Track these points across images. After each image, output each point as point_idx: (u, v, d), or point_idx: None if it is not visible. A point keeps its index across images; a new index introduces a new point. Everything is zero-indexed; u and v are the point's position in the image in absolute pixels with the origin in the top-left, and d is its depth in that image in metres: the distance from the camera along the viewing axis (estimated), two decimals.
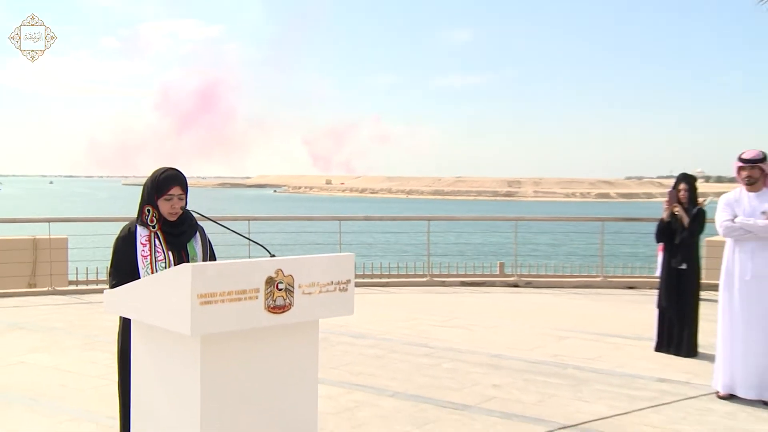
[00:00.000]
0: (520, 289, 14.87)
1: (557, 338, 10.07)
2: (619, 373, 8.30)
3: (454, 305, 12.89)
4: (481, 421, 6.56)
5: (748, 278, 7.42)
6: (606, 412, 6.90)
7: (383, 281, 15.42)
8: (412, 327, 10.76)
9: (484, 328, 10.75)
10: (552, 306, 12.92)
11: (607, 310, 12.40)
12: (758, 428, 6.64)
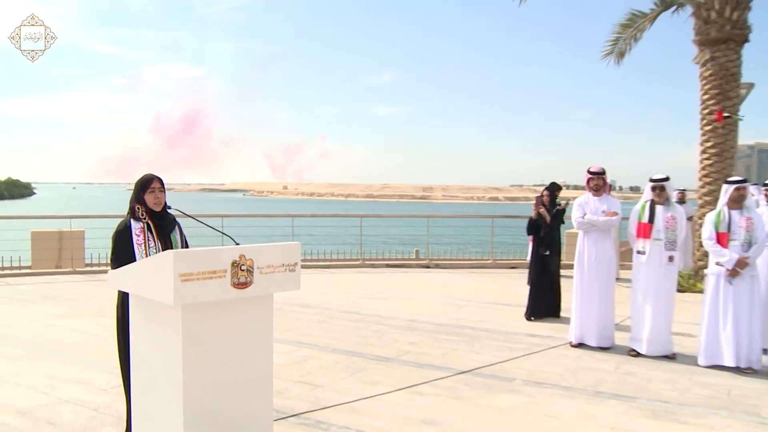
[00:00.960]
0: (430, 270, 14.99)
1: (457, 306, 10.18)
2: (502, 331, 8.46)
3: (381, 282, 12.94)
4: (399, 369, 6.64)
5: (593, 259, 7.70)
6: (492, 360, 7.05)
7: (326, 264, 15.39)
8: (348, 299, 10.80)
9: (403, 299, 10.82)
10: (454, 282, 13.03)
11: (495, 285, 12.57)
12: (595, 366, 6.96)
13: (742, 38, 13.08)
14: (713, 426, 5.23)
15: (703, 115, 13.28)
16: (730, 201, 6.93)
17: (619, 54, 15.15)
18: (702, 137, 13.32)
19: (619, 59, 15.23)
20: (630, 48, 15.03)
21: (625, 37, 14.91)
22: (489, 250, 16.04)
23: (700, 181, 13.19)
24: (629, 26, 14.85)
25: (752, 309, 6.82)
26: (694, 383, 6.37)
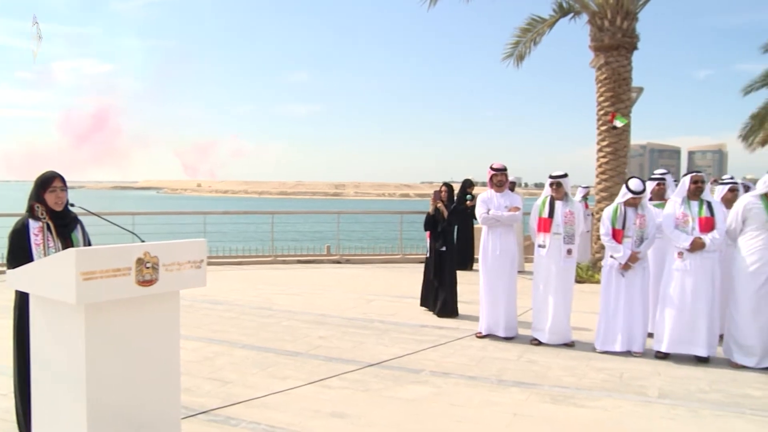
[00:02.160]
0: (341, 265, 14.97)
1: (367, 301, 10.21)
2: (410, 324, 8.53)
3: (292, 278, 12.84)
4: (309, 363, 6.61)
5: (497, 253, 7.84)
6: (400, 352, 7.10)
7: (238, 261, 15.16)
8: (259, 295, 10.67)
9: (314, 295, 10.77)
10: (364, 277, 13.07)
11: (404, 280, 12.61)
12: (500, 355, 7.10)
13: (632, 45, 13.66)
14: (606, 407, 5.44)
15: (599, 116, 13.77)
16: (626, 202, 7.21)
17: (518, 57, 15.56)
18: (598, 137, 13.81)
19: (518, 62, 15.64)
20: (529, 51, 15.45)
21: (525, 41, 15.31)
22: (398, 246, 16.16)
23: (597, 178, 13.66)
24: (529, 30, 15.27)
25: (643, 299, 7.14)
26: (591, 368, 6.59)
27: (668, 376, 6.37)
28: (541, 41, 15.46)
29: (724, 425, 5.11)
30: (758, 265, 6.63)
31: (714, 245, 6.82)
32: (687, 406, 5.49)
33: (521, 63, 15.67)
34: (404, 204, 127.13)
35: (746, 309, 6.71)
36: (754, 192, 6.92)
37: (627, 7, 13.49)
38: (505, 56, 15.74)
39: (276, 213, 16.84)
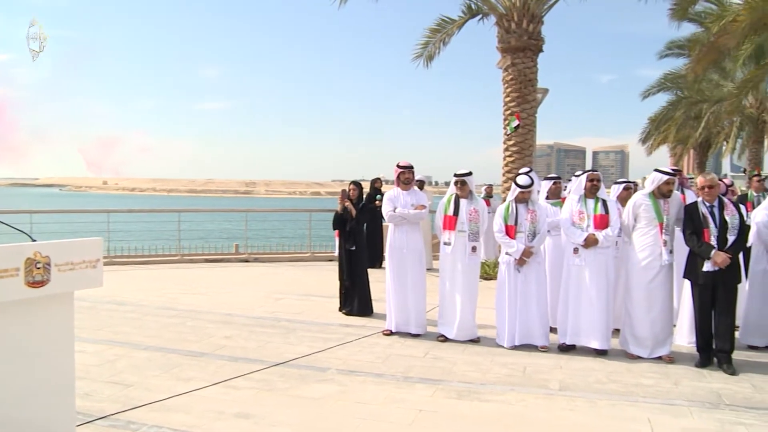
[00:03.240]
0: (249, 264, 14.78)
1: (275, 299, 10.11)
2: (318, 323, 8.50)
3: (199, 277, 12.58)
4: (214, 364, 6.48)
5: (405, 251, 7.90)
6: (307, 351, 7.05)
7: (143, 260, 14.75)
8: (164, 295, 10.41)
9: (221, 294, 10.59)
10: (273, 275, 12.94)
11: (312, 278, 12.58)
12: (406, 352, 7.14)
13: (538, 48, 14.05)
14: (510, 401, 5.55)
15: (505, 116, 14.10)
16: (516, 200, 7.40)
17: (428, 57, 15.78)
18: (505, 136, 14.13)
19: (428, 62, 15.86)
20: (439, 51, 15.68)
21: (435, 41, 15.54)
22: (307, 243, 16.09)
23: (503, 177, 13.97)
24: (438, 31, 15.50)
25: (539, 292, 7.34)
26: (495, 363, 6.71)
27: (569, 369, 6.57)
28: (450, 42, 15.73)
29: (619, 413, 5.31)
30: (649, 260, 6.94)
31: (607, 241, 7.10)
32: (586, 397, 5.68)
33: (431, 63, 15.91)
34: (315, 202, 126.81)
35: (639, 302, 7.01)
36: (644, 190, 7.24)
37: (533, 10, 13.86)
38: (415, 56, 15.94)
39: (183, 211, 16.49)
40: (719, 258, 6.47)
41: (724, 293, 6.63)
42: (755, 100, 24.50)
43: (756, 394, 5.89)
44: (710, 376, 6.42)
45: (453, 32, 15.59)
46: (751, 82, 17.43)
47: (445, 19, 15.52)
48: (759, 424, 5.14)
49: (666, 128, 28.53)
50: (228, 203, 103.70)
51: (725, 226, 6.58)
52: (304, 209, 17.87)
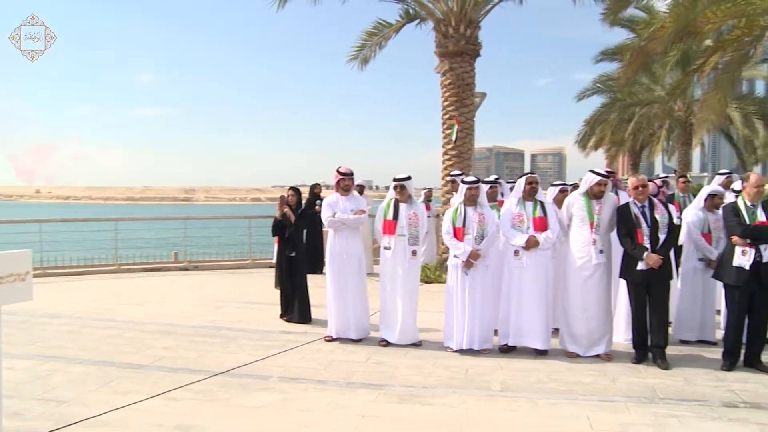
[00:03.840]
0: (189, 272, 14.55)
1: (215, 308, 9.96)
2: (258, 330, 8.41)
3: (138, 287, 12.32)
4: (153, 375, 6.35)
5: (345, 256, 7.88)
6: (248, 359, 6.97)
7: (79, 271, 14.35)
8: (102, 306, 10.14)
9: (160, 304, 10.39)
10: (213, 284, 12.75)
11: (253, 285, 12.45)
12: (348, 358, 7.13)
13: (475, 52, 14.20)
14: (452, 404, 5.59)
15: (444, 120, 14.20)
16: (466, 199, 7.42)
17: (363, 60, 15.84)
18: (443, 140, 14.24)
19: (363, 65, 15.92)
20: (374, 55, 15.74)
21: (371, 45, 15.58)
22: (247, 251, 15.92)
23: (442, 180, 14.05)
24: (375, 34, 15.56)
25: (485, 296, 7.36)
26: (437, 366, 6.75)
27: (510, 370, 6.65)
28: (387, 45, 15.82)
29: (560, 412, 5.42)
30: (584, 260, 7.08)
31: (547, 243, 7.22)
32: (527, 397, 5.76)
33: (365, 66, 15.97)
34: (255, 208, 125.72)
35: (575, 300, 7.15)
36: (579, 190, 7.39)
37: (470, 15, 14.01)
38: (350, 59, 15.99)
39: (120, 220, 16.17)
40: (651, 260, 6.66)
41: (657, 291, 6.85)
42: (683, 104, 25.28)
43: (687, 387, 6.09)
44: (646, 372, 6.60)
45: (390, 36, 15.66)
46: (679, 89, 18.00)
47: (382, 22, 15.58)
48: (690, 416, 5.32)
49: (601, 130, 29.18)
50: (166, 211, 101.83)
51: (656, 226, 6.78)
52: (244, 216, 17.71)
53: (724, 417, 5.31)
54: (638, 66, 15.79)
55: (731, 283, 6.70)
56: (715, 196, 7.92)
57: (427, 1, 14.40)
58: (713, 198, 7.90)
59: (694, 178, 29.35)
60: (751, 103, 26.30)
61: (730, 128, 27.85)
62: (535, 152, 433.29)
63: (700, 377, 6.41)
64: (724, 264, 6.80)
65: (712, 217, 7.79)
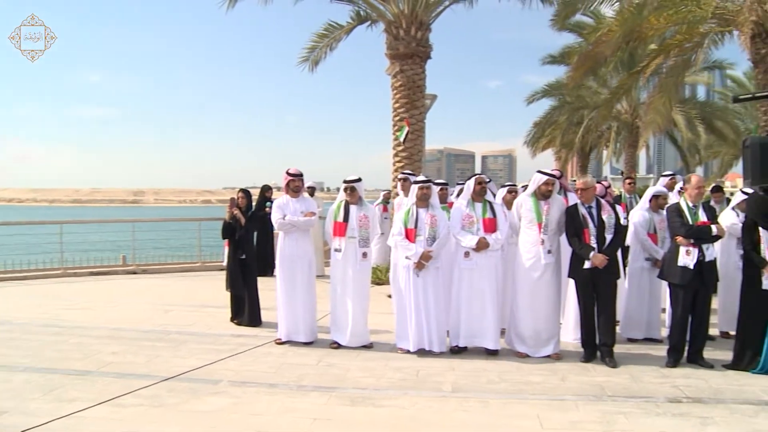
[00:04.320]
0: (138, 276, 14.30)
1: (164, 311, 9.82)
2: (209, 334, 8.32)
3: (84, 291, 12.06)
4: (100, 382, 6.22)
5: (295, 258, 7.88)
6: (198, 363, 6.87)
7: (22, 275, 13.97)
8: (46, 311, 9.88)
9: (107, 308, 10.17)
10: (162, 287, 12.56)
11: (203, 288, 12.31)
12: (299, 361, 7.10)
13: (426, 55, 14.32)
14: (403, 405, 5.61)
15: (395, 121, 14.26)
16: (417, 200, 7.44)
17: (314, 61, 15.85)
18: (394, 141, 14.29)
19: (314, 66, 15.92)
20: (325, 56, 15.75)
21: (321, 46, 15.58)
22: (197, 253, 15.73)
23: (393, 182, 14.09)
24: (326, 36, 15.57)
25: (437, 297, 7.37)
26: (389, 368, 6.76)
27: (461, 371, 6.69)
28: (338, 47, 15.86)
29: (511, 411, 5.48)
30: (533, 261, 7.17)
31: (497, 244, 7.28)
32: (478, 398, 5.81)
33: (316, 67, 15.97)
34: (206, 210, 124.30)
35: (524, 301, 7.24)
36: (527, 191, 7.49)
37: (421, 17, 14.11)
38: (301, 60, 15.97)
39: (66, 222, 15.79)
40: (597, 260, 6.80)
41: (604, 290, 6.98)
42: (629, 106, 25.82)
43: (634, 384, 6.23)
44: (594, 370, 6.72)
45: (341, 38, 15.69)
46: (622, 89, 18.39)
47: (333, 24, 15.59)
48: (637, 412, 5.45)
49: (551, 132, 29.63)
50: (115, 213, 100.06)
51: (603, 226, 6.92)
52: (194, 218, 17.46)
53: (668, 412, 5.46)
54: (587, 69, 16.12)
55: (676, 283, 6.88)
56: (659, 196, 8.13)
57: (377, 3, 14.46)
58: (657, 199, 8.10)
59: (640, 179, 30.13)
60: (694, 107, 27.10)
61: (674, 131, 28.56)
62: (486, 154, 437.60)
63: (646, 374, 6.56)
64: (670, 264, 6.98)
65: (657, 218, 7.99)
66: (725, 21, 13.48)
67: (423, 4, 14.12)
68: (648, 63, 15.90)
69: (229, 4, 14.63)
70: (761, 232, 6.63)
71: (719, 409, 5.53)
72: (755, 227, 6.68)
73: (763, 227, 6.63)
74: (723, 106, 28.21)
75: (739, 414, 5.43)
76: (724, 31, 14.23)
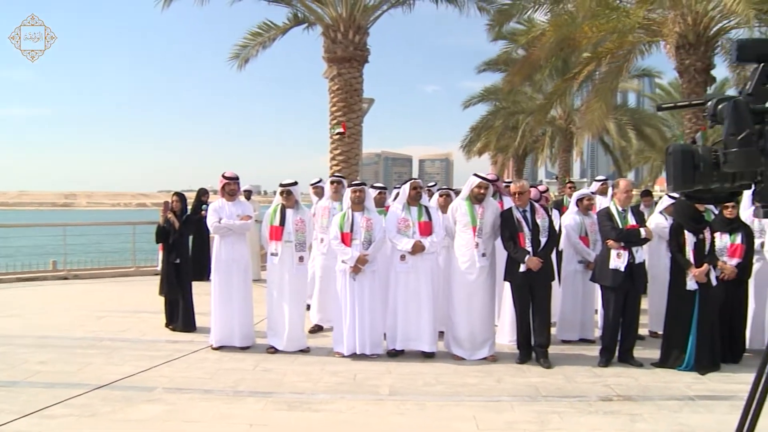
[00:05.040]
0: (69, 281, 13.89)
1: (97, 318, 9.57)
2: (143, 340, 8.16)
3: (11, 298, 11.63)
4: (26, 392, 6.01)
5: (230, 262, 7.79)
6: (132, 370, 6.73)
7: None
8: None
9: (36, 315, 9.86)
10: (94, 293, 12.23)
11: (137, 293, 12.02)
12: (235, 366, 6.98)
13: (363, 58, 14.37)
14: (340, 409, 5.61)
15: (331, 125, 14.27)
16: (352, 203, 7.46)
17: (243, 59, 15.74)
18: (331, 145, 14.31)
19: (243, 64, 15.83)
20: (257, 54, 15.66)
21: (254, 45, 15.48)
22: (131, 258, 15.40)
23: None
24: (260, 35, 15.48)
25: (373, 301, 7.40)
26: (326, 372, 6.74)
27: (398, 374, 6.73)
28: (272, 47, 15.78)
29: (447, 413, 5.53)
30: (468, 264, 7.26)
31: (433, 247, 7.37)
32: (415, 400, 5.85)
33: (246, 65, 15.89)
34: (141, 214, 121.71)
35: (460, 304, 7.32)
36: (461, 195, 7.58)
37: (359, 21, 14.16)
38: (231, 57, 15.85)
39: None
40: (532, 263, 6.93)
41: (539, 293, 7.13)
42: (564, 112, 26.42)
43: (568, 384, 6.38)
44: (529, 371, 6.86)
45: (275, 37, 15.62)
46: (557, 94, 18.84)
47: (268, 23, 15.51)
48: (570, 411, 5.59)
49: (486, 137, 30.09)
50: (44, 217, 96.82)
51: (537, 230, 7.06)
52: (128, 222, 17.10)
53: (600, 410, 5.62)
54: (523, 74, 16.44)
55: (608, 285, 7.08)
56: (582, 199, 8.34)
57: (316, 6, 14.44)
58: (582, 201, 8.31)
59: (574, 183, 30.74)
60: (625, 113, 27.91)
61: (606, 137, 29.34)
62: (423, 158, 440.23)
63: (579, 374, 6.72)
64: (601, 267, 7.17)
65: (588, 221, 8.19)
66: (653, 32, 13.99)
67: (361, 8, 14.18)
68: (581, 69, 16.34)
69: (165, 3, 14.40)
70: (686, 234, 6.89)
71: (647, 406, 5.74)
72: (681, 230, 6.94)
73: (688, 230, 6.89)
74: (652, 113, 29.15)
75: (665, 410, 5.65)
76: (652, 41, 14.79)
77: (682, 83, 13.93)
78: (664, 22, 13.37)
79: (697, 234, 6.87)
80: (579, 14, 12.69)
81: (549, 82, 23.79)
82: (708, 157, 2.17)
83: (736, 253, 7.17)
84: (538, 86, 25.62)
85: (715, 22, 13.05)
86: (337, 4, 14.27)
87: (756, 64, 2.18)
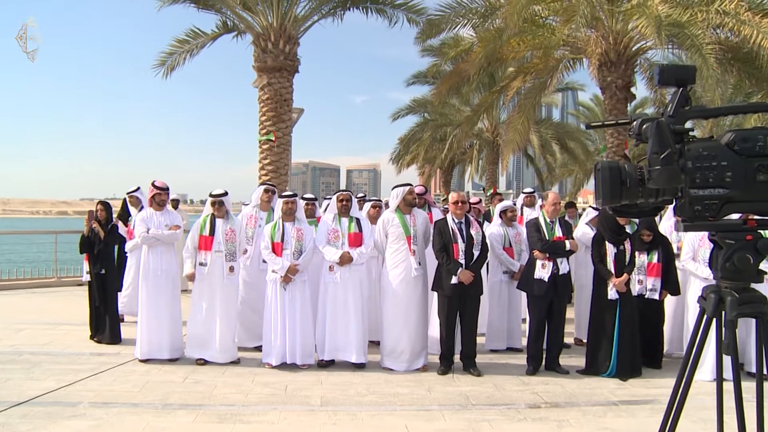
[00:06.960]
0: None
1: (15, 331, 9.22)
2: (66, 353, 7.92)
3: None
4: None
5: (158, 273, 7.65)
6: (55, 385, 6.52)
7: None
8: None
9: None
10: (10, 305, 11.76)
11: (59, 304, 11.67)
12: (164, 378, 6.81)
13: (294, 68, 14.35)
14: (272, 421, 5.57)
15: (261, 134, 14.17)
16: (283, 214, 7.45)
17: (170, 67, 15.49)
18: (261, 155, 14.22)
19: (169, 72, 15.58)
20: (184, 62, 15.44)
21: (181, 53, 15.26)
22: (53, 268, 14.90)
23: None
24: (187, 42, 15.27)
25: (304, 311, 7.40)
26: (257, 384, 6.69)
27: (330, 384, 6.73)
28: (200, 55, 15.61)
29: (379, 423, 5.57)
30: (404, 275, 7.32)
31: (361, 258, 7.42)
32: (347, 410, 5.87)
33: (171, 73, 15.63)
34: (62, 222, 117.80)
35: (396, 317, 7.35)
36: (390, 207, 7.64)
37: (289, 31, 14.14)
38: (156, 64, 15.56)
39: None
40: (464, 276, 7.02)
41: (469, 304, 7.21)
42: (490, 125, 26.91)
43: (497, 392, 6.52)
44: (459, 380, 6.96)
45: (203, 45, 15.45)
46: (483, 107, 19.23)
47: (196, 30, 15.32)
48: (500, 419, 5.70)
49: (415, 149, 30.34)
50: None
51: (471, 242, 7.16)
52: (49, 230, 16.56)
53: (529, 417, 5.76)
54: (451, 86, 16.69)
55: (533, 294, 7.25)
56: (506, 210, 8.54)
57: (246, 14, 14.34)
58: (505, 213, 8.52)
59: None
60: (549, 127, 28.61)
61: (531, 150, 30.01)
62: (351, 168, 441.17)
63: (508, 382, 6.87)
64: (528, 276, 7.34)
65: (512, 232, 8.40)
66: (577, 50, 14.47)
67: (292, 18, 14.17)
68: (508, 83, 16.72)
69: None
70: (607, 246, 7.13)
71: (573, 412, 5.92)
72: (603, 241, 7.18)
73: (609, 241, 7.13)
74: (576, 128, 29.98)
75: (590, 415, 5.83)
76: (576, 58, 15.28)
77: (604, 99, 14.44)
78: (588, 40, 13.84)
79: (617, 245, 7.13)
80: (507, 30, 12.98)
81: (476, 95, 24.18)
82: (634, 174, 2.28)
83: (653, 271, 7.46)
84: (465, 99, 26.00)
85: (634, 42, 13.57)
86: (267, 13, 14.21)
87: (675, 87, 2.31)
